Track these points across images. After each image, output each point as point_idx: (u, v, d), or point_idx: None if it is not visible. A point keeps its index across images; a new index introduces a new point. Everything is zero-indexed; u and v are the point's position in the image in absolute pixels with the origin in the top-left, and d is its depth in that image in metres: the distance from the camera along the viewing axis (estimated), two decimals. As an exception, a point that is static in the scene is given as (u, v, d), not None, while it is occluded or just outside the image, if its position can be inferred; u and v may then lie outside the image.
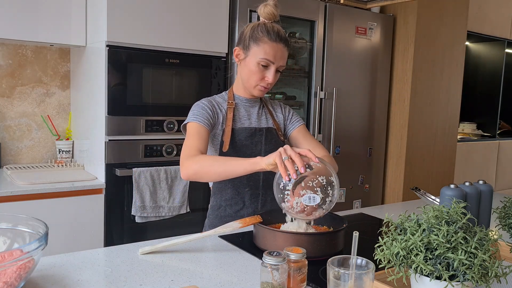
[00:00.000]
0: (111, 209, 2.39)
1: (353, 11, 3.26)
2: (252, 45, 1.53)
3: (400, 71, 3.53)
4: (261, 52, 1.52)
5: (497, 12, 4.39)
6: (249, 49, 1.54)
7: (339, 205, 3.32)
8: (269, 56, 1.52)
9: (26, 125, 2.69)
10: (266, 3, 1.55)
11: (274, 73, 1.54)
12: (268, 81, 1.55)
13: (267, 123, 1.67)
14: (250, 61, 1.55)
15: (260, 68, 1.53)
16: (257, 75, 1.54)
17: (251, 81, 1.56)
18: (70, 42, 2.49)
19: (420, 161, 3.63)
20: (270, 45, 1.51)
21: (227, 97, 1.64)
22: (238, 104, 1.63)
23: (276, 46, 1.52)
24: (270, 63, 1.53)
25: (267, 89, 1.58)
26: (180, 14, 2.50)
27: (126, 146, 2.41)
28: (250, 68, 1.55)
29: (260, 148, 1.61)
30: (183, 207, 2.53)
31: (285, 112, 1.75)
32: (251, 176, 1.58)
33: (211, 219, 1.63)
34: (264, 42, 1.51)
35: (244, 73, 1.58)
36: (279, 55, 1.53)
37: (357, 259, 0.92)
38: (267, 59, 1.52)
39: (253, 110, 1.65)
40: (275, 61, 1.53)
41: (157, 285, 1.04)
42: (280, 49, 1.53)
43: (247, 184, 1.60)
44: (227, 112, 1.59)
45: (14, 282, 0.90)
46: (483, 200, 1.33)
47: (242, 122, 1.61)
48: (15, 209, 2.10)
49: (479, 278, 0.85)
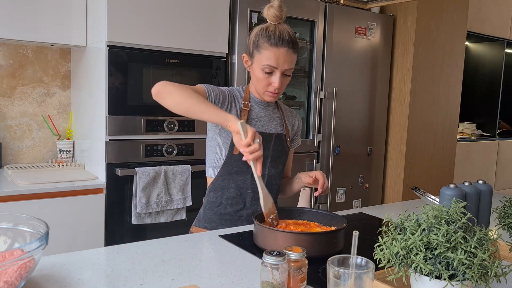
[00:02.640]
0: (112, 208, 2.40)
1: (353, 11, 3.26)
2: (255, 52, 1.51)
3: (400, 71, 3.54)
4: (263, 59, 1.49)
5: (497, 12, 4.39)
6: (253, 57, 1.53)
7: (339, 204, 3.32)
8: (271, 62, 1.48)
9: (27, 125, 2.70)
10: (270, 5, 1.51)
11: (280, 78, 1.50)
12: (274, 87, 1.52)
13: (278, 129, 1.65)
14: (255, 68, 1.53)
15: (265, 74, 1.51)
16: (263, 81, 1.52)
17: (259, 88, 1.55)
18: (71, 42, 2.49)
19: (420, 161, 3.63)
20: (271, 50, 1.47)
21: (243, 94, 1.61)
22: (253, 105, 1.61)
23: (278, 51, 1.47)
24: (274, 68, 1.49)
25: (277, 94, 1.55)
26: (181, 14, 2.50)
27: (127, 146, 2.41)
28: (256, 75, 1.54)
29: (268, 154, 1.61)
30: (183, 208, 2.53)
31: (295, 125, 1.75)
32: (255, 180, 1.59)
33: (209, 214, 1.63)
34: (265, 48, 1.48)
35: (253, 80, 1.57)
36: (282, 60, 1.48)
37: (357, 259, 0.92)
38: (270, 65, 1.49)
39: (266, 112, 1.64)
40: (278, 66, 1.49)
41: (157, 285, 1.04)
42: (282, 53, 1.48)
43: (250, 186, 1.59)
44: (241, 112, 1.58)
45: (14, 281, 0.91)
46: (483, 200, 1.34)
47: (254, 124, 1.60)
48: (15, 208, 2.10)
49: (478, 278, 0.85)
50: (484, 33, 4.31)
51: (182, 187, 2.51)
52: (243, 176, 1.58)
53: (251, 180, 1.58)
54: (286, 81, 1.55)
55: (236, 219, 1.60)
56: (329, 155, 3.24)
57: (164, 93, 1.39)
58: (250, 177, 1.58)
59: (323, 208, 3.16)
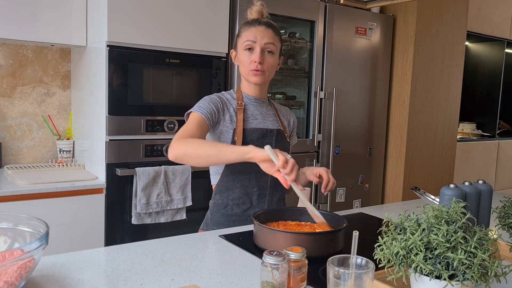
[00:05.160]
0: (112, 208, 2.40)
1: (353, 11, 3.26)
2: (237, 40, 1.62)
3: (400, 71, 3.54)
4: (243, 40, 1.58)
5: (497, 12, 4.39)
6: (236, 45, 1.63)
7: (339, 204, 3.32)
8: (250, 37, 1.57)
9: (27, 125, 2.70)
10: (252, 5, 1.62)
11: (260, 53, 1.56)
12: (255, 61, 1.56)
13: (275, 125, 1.67)
14: (239, 53, 1.61)
15: (247, 53, 1.57)
16: (246, 61, 1.58)
17: (244, 70, 1.60)
18: (71, 42, 2.49)
19: (420, 161, 3.63)
20: (248, 30, 1.58)
21: (235, 96, 1.64)
22: (247, 104, 1.63)
23: (255, 29, 1.57)
24: (252, 43, 1.56)
25: (261, 72, 1.57)
26: (181, 14, 2.50)
27: (127, 146, 2.41)
28: (240, 59, 1.61)
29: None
30: (183, 208, 2.53)
31: (291, 121, 1.77)
32: (260, 177, 1.59)
33: (216, 217, 1.62)
34: (244, 31, 1.59)
35: (240, 68, 1.63)
36: (260, 35, 1.56)
37: (357, 259, 0.92)
38: (248, 40, 1.56)
39: (261, 110, 1.66)
40: (257, 40, 1.56)
41: (157, 285, 1.04)
42: (260, 31, 1.56)
43: (256, 185, 1.60)
44: (236, 113, 1.59)
45: (14, 281, 0.91)
46: (483, 200, 1.33)
47: (251, 122, 1.61)
48: (15, 208, 2.10)
49: (478, 278, 0.85)
50: (484, 33, 4.31)
51: (182, 187, 2.51)
52: (247, 175, 1.58)
53: (255, 178, 1.59)
54: (270, 60, 1.58)
55: (244, 219, 1.60)
56: (329, 155, 3.24)
57: (182, 157, 1.40)
58: (255, 175, 1.58)
59: (323, 208, 3.16)
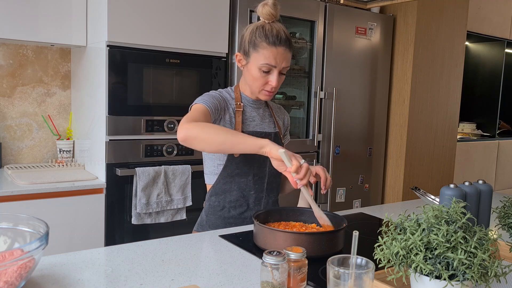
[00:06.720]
0: (112, 208, 2.40)
1: (353, 11, 3.26)
2: (252, 51, 1.50)
3: (400, 71, 3.54)
4: (261, 58, 1.48)
5: (497, 12, 4.39)
6: (249, 55, 1.51)
7: (339, 204, 3.32)
8: (270, 61, 1.48)
9: (27, 125, 2.70)
10: (264, 3, 1.50)
11: (277, 77, 1.51)
12: (271, 85, 1.51)
13: (271, 127, 1.66)
14: (251, 67, 1.52)
15: (262, 73, 1.50)
16: (260, 80, 1.51)
17: (255, 87, 1.54)
18: (71, 42, 2.49)
19: (420, 161, 3.63)
20: (269, 50, 1.47)
21: (234, 95, 1.60)
22: (245, 105, 1.61)
23: (276, 50, 1.47)
24: (272, 67, 1.49)
25: (272, 93, 1.55)
26: (181, 14, 2.50)
27: (127, 146, 2.41)
28: (252, 74, 1.52)
29: None
30: (183, 208, 2.53)
31: (285, 121, 1.76)
32: (258, 180, 1.59)
33: (212, 219, 1.61)
34: (263, 48, 1.47)
35: (248, 79, 1.56)
36: (280, 58, 1.48)
37: (357, 259, 0.92)
38: (268, 64, 1.48)
39: (258, 111, 1.64)
40: (277, 65, 1.49)
41: (157, 285, 1.04)
42: (280, 52, 1.48)
43: (253, 188, 1.59)
44: (235, 114, 1.57)
45: (14, 281, 0.91)
46: (483, 200, 1.33)
47: (249, 124, 1.59)
48: (15, 208, 2.10)
49: (478, 278, 0.85)
50: (484, 33, 4.31)
51: (182, 187, 2.51)
52: (245, 177, 1.58)
53: (253, 181, 1.58)
54: (282, 80, 1.55)
55: (240, 222, 1.59)
56: (329, 155, 3.24)
57: (192, 140, 1.34)
58: (252, 178, 1.58)
59: (323, 208, 3.16)
